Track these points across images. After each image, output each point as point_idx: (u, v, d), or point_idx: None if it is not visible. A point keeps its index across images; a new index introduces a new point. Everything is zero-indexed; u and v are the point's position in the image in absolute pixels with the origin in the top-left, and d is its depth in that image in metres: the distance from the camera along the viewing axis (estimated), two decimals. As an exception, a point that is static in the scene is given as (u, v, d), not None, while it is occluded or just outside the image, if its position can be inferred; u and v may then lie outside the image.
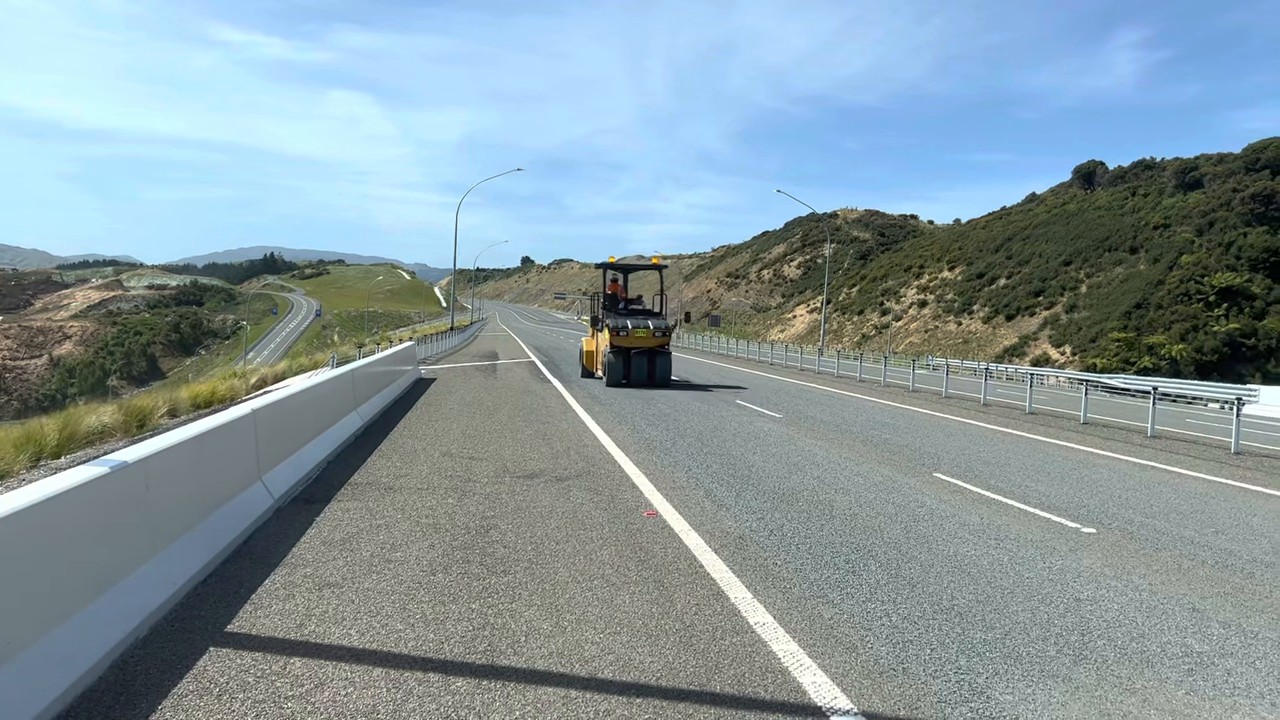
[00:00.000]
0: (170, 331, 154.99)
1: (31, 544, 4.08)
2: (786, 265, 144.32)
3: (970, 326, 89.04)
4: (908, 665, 4.85)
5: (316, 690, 4.26)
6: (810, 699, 4.36)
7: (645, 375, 23.47)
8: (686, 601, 5.76)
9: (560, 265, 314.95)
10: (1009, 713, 4.31)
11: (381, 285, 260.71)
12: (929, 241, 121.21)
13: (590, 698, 4.28)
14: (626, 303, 25.78)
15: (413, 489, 9.03)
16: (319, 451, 10.13)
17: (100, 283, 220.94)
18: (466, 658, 4.72)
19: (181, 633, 4.94)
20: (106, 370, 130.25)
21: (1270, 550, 7.93)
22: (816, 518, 8.40)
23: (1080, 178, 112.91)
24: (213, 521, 6.38)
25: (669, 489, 9.47)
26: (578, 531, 7.48)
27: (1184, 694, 4.65)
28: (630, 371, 23.33)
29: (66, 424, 11.28)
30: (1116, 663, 5.03)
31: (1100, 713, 4.37)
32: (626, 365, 23.24)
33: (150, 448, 5.63)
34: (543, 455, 11.46)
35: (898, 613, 5.73)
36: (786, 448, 13.02)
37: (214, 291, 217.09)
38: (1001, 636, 5.37)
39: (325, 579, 5.97)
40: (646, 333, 23.19)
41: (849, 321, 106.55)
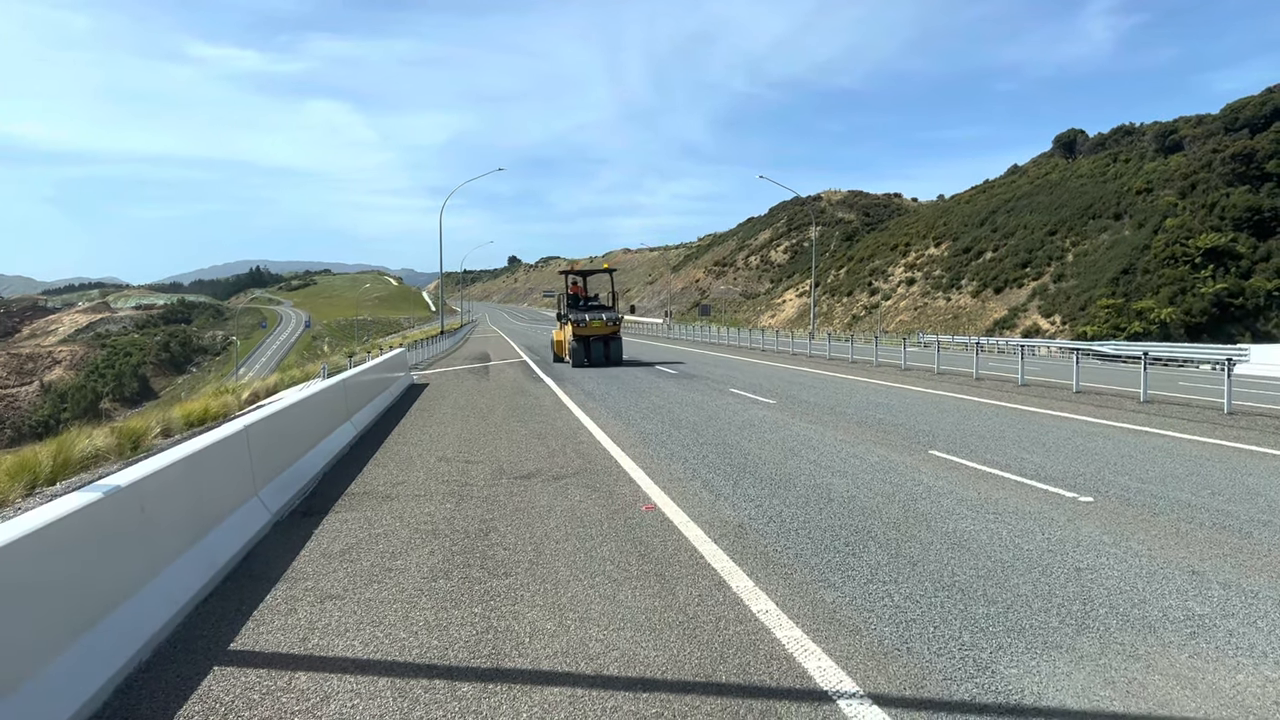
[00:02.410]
0: (160, 351, 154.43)
1: (29, 573, 4.07)
2: (773, 251, 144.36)
3: (959, 301, 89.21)
4: (911, 644, 4.87)
5: (323, 704, 4.26)
6: (816, 684, 4.38)
7: (602, 356, 29.44)
8: (689, 593, 5.77)
9: (547, 263, 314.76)
10: (1014, 686, 4.33)
11: (369, 293, 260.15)
12: (914, 219, 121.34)
13: (596, 695, 4.29)
14: (585, 301, 31.68)
15: (410, 496, 9.02)
16: (314, 463, 10.11)
17: (87, 306, 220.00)
18: (471, 662, 4.72)
19: (185, 654, 4.92)
20: (98, 393, 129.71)
21: (1266, 509, 7.97)
22: (815, 502, 8.42)
23: (1061, 147, 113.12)
24: (211, 540, 6.36)
25: (666, 481, 9.47)
26: (577, 529, 7.48)
27: (1187, 657, 4.68)
28: (590, 353, 29.19)
29: (60, 450, 11.24)
30: (1119, 630, 5.05)
31: (1105, 680, 4.39)
32: (587, 349, 29.16)
33: (144, 469, 5.61)
34: (539, 455, 11.45)
35: (900, 592, 5.75)
36: (781, 433, 13.03)
37: (202, 308, 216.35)
38: (1004, 610, 5.39)
39: (326, 591, 5.96)
40: (601, 323, 29.59)
41: (838, 303, 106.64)
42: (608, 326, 29.67)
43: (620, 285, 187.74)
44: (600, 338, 29.51)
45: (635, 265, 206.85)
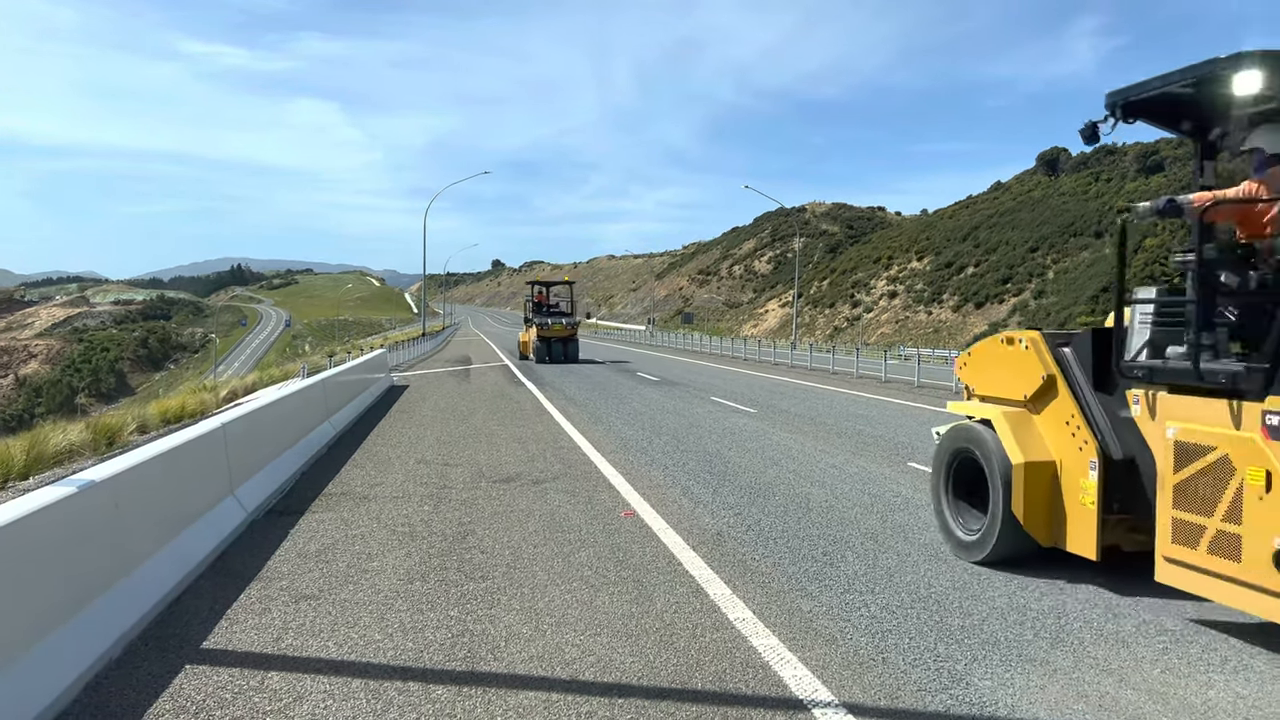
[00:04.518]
0: (138, 347, 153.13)
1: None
2: (757, 260, 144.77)
3: (940, 316, 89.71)
4: (887, 655, 4.88)
5: (295, 704, 4.23)
6: (791, 692, 4.38)
7: (561, 354, 35.24)
8: (666, 600, 5.76)
9: (531, 267, 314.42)
10: (988, 698, 4.35)
11: (351, 293, 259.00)
12: (897, 233, 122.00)
13: (572, 700, 4.27)
14: (548, 308, 37.79)
15: (388, 497, 8.97)
16: (292, 463, 10.04)
17: (65, 300, 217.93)
18: (446, 665, 4.69)
19: (156, 652, 4.87)
20: (74, 388, 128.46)
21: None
22: (793, 511, 8.43)
23: (1044, 164, 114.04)
24: (185, 538, 6.31)
25: (646, 488, 9.47)
26: (556, 534, 7.47)
27: (1159, 672, 4.71)
28: (551, 352, 34.96)
29: (33, 444, 11.11)
30: (1093, 644, 5.08)
31: (1078, 694, 4.41)
32: (548, 348, 35.06)
33: (119, 465, 5.56)
34: (519, 458, 11.43)
35: (876, 603, 5.76)
36: (761, 442, 13.06)
37: (181, 305, 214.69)
38: (979, 623, 5.41)
39: (301, 591, 5.92)
40: (561, 327, 35.71)
41: (820, 314, 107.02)
42: (566, 329, 35.75)
43: (603, 291, 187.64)
44: (560, 339, 35.46)
45: (619, 272, 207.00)
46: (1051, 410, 6.46)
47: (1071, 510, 6.17)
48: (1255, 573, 4.76)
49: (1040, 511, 6.33)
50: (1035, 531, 6.36)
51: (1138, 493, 5.82)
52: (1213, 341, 5.31)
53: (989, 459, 6.66)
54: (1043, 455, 6.38)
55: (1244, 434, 4.93)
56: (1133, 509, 5.89)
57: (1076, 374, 6.36)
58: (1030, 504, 6.31)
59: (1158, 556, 5.45)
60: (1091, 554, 5.99)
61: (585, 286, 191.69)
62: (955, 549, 7.05)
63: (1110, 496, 5.92)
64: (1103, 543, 5.96)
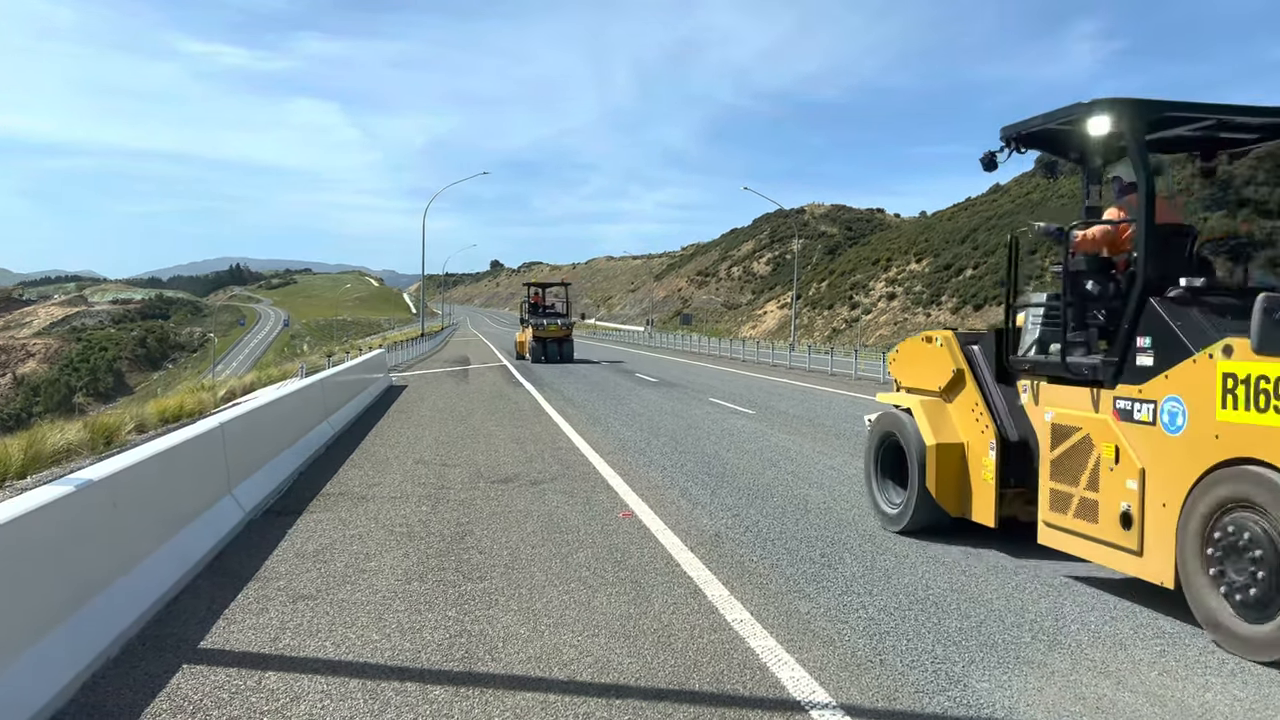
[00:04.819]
0: (136, 346, 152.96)
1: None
2: (756, 262, 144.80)
3: (939, 317, 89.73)
4: (885, 656, 4.88)
5: (292, 704, 4.22)
6: (789, 694, 4.38)
7: (557, 354, 35.82)
8: (664, 601, 5.76)
9: (530, 268, 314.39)
10: (985, 700, 4.35)
11: (350, 293, 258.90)
12: (896, 235, 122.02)
13: (569, 701, 4.27)
14: (544, 309, 38.40)
15: (386, 498, 8.97)
16: (290, 463, 10.04)
17: (63, 299, 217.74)
18: (444, 666, 4.69)
19: (154, 651, 4.87)
20: (72, 387, 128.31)
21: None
22: (791, 513, 8.44)
23: (1043, 167, 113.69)
24: (183, 537, 6.30)
25: (644, 489, 9.47)
26: (554, 535, 7.47)
27: (1157, 674, 4.71)
28: (546, 351, 35.63)
29: (31, 443, 11.11)
30: (1090, 646, 5.08)
31: (1075, 696, 4.41)
32: (544, 348, 35.72)
33: (117, 464, 5.56)
34: (517, 459, 11.43)
35: (874, 604, 5.76)
36: (760, 444, 13.06)
37: (180, 304, 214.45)
38: (977, 625, 5.41)
39: (299, 592, 5.92)
40: (556, 327, 36.32)
41: (819, 316, 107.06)
42: (562, 330, 36.53)
43: (602, 293, 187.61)
44: (555, 339, 36.19)
45: (618, 273, 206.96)
46: (961, 399, 7.40)
47: (976, 485, 7.15)
48: (1109, 531, 5.78)
49: (950, 486, 7.29)
50: (946, 503, 7.33)
51: (1029, 469, 6.73)
52: (1084, 339, 6.31)
53: (908, 442, 7.60)
54: (952, 438, 7.34)
55: (1100, 416, 5.96)
56: (1025, 483, 6.78)
57: (982, 368, 7.33)
58: (941, 480, 7.28)
59: (1039, 522, 6.47)
60: (991, 522, 6.96)
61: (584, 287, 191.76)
62: (882, 521, 8.00)
63: (1007, 473, 6.85)
64: (1000, 513, 6.92)
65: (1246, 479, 4.96)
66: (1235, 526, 4.99)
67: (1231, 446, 5.06)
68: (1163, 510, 5.45)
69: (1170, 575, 5.41)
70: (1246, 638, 4.94)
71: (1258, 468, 4.91)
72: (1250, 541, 4.90)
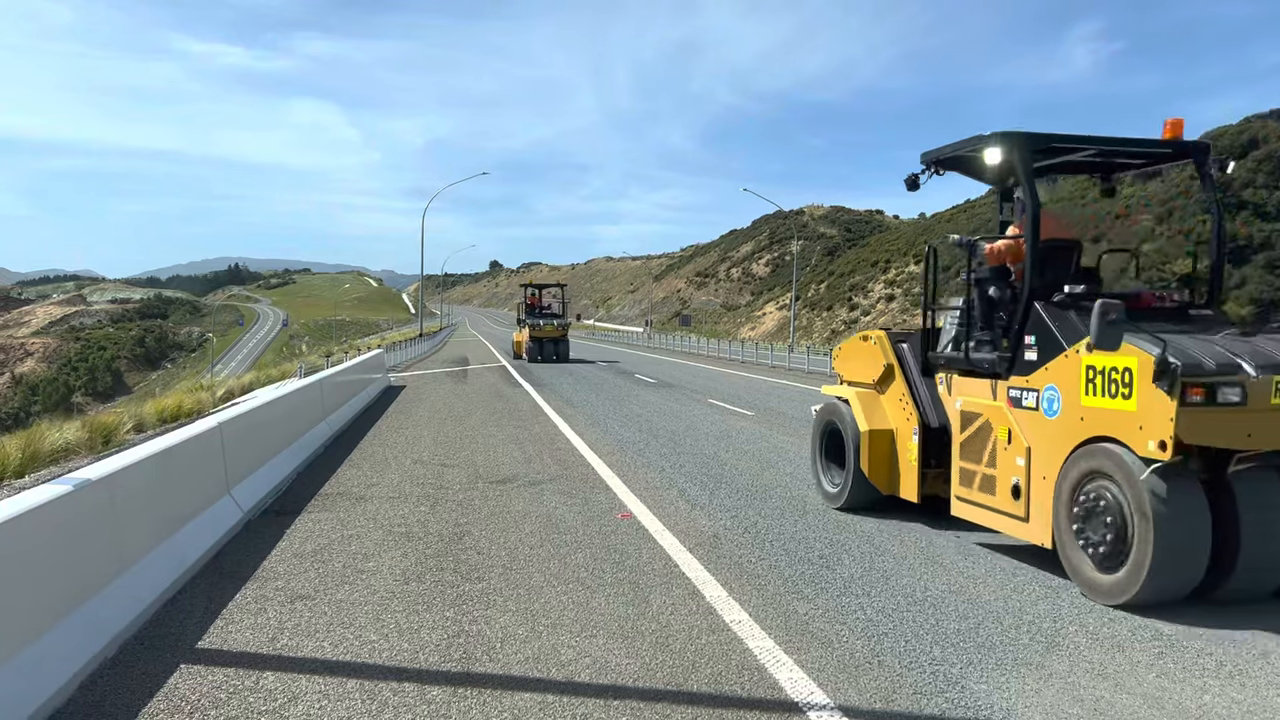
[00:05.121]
0: (135, 345, 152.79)
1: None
2: (755, 263, 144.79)
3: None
4: (883, 658, 4.88)
5: (290, 704, 4.22)
6: (787, 695, 4.38)
7: (553, 354, 36.74)
8: (662, 602, 5.76)
9: (529, 268, 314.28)
10: (983, 702, 4.35)
11: (349, 293, 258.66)
12: (895, 236, 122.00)
13: (567, 702, 4.27)
14: (540, 309, 39.41)
15: (384, 498, 8.97)
16: (288, 463, 10.04)
17: (62, 298, 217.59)
18: (442, 666, 4.69)
19: (151, 651, 4.87)
20: (71, 387, 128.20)
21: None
22: (790, 514, 8.44)
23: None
24: (181, 536, 6.30)
25: (643, 490, 9.47)
26: (552, 536, 7.47)
27: (1155, 676, 4.71)
28: (543, 351, 36.58)
29: (29, 442, 11.10)
30: (1089, 648, 5.09)
31: (1073, 699, 4.41)
32: (540, 347, 36.67)
33: (115, 464, 5.56)
34: (515, 460, 11.42)
35: (872, 606, 5.76)
36: (759, 444, 13.06)
37: (179, 304, 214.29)
38: (975, 626, 5.41)
39: (297, 592, 5.91)
40: (553, 328, 37.42)
41: (818, 317, 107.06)
42: (558, 330, 37.57)
43: (601, 293, 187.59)
44: (551, 339, 37.17)
45: (617, 273, 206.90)
46: (891, 391, 8.32)
47: (903, 466, 8.07)
48: (1004, 502, 6.78)
49: (880, 467, 8.22)
50: (877, 483, 8.24)
51: (947, 451, 7.58)
52: (989, 338, 7.26)
53: (846, 428, 8.54)
54: (883, 425, 8.27)
55: (997, 403, 6.94)
56: (944, 464, 7.64)
57: (909, 363, 8.23)
58: (873, 462, 8.22)
59: (952, 497, 7.45)
60: (914, 498, 7.92)
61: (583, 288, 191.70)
62: (824, 499, 8.96)
63: (928, 455, 7.79)
64: (923, 491, 7.87)
65: (1102, 454, 5.91)
66: (1094, 494, 5.93)
67: (1092, 427, 6.02)
68: (1043, 482, 6.42)
69: (1048, 537, 6.37)
70: (1101, 585, 5.88)
71: (1110, 444, 5.86)
72: (1104, 506, 5.83)
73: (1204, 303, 7.24)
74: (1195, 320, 6.74)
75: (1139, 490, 5.58)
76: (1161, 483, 5.54)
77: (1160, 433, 5.49)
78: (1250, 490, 5.68)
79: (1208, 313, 6.96)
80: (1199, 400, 5.45)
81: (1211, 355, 5.63)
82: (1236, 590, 5.77)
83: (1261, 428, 5.54)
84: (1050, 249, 7.13)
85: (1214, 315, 6.96)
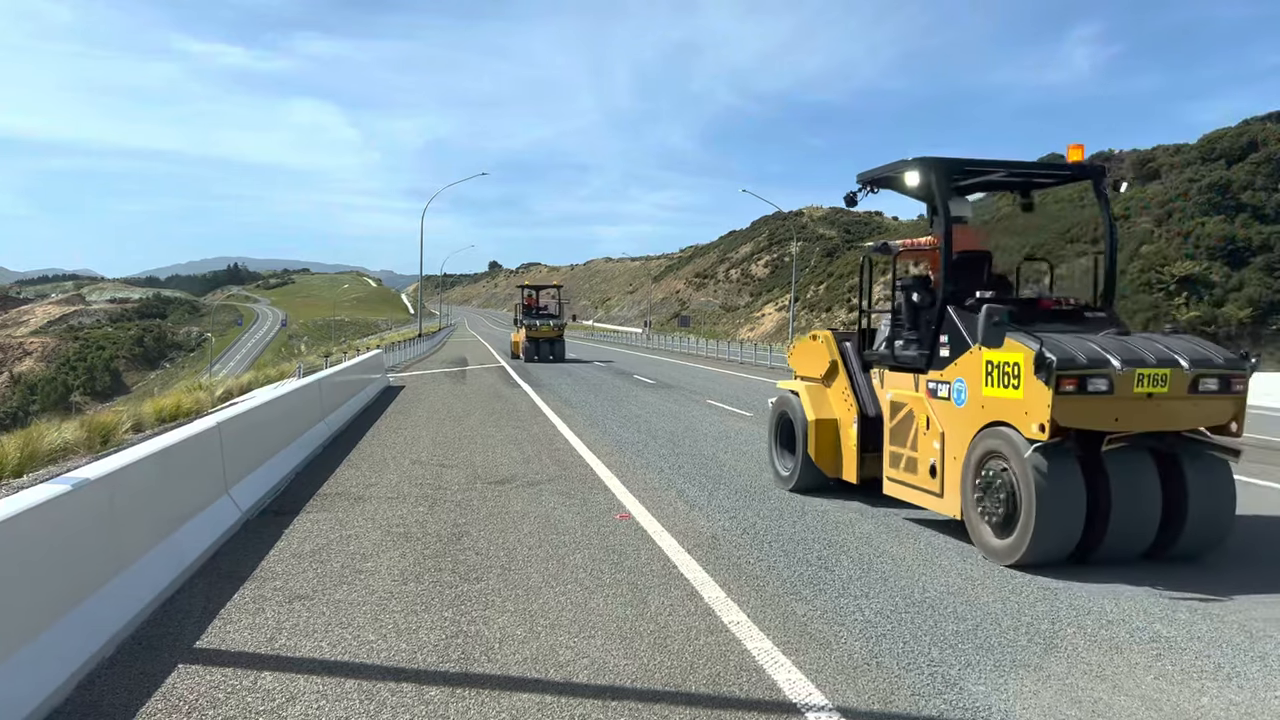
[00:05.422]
0: (134, 345, 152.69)
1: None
2: (754, 264, 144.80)
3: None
4: (881, 659, 4.88)
5: (288, 704, 4.22)
6: (785, 696, 4.38)
7: (549, 353, 37.57)
8: (661, 603, 5.76)
9: (528, 269, 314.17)
10: (981, 703, 4.35)
11: (348, 293, 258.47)
12: (894, 238, 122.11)
13: (565, 702, 4.27)
14: (537, 310, 40.27)
15: (382, 498, 8.96)
16: (287, 463, 10.03)
17: (61, 298, 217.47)
18: (440, 667, 4.69)
19: (149, 650, 4.87)
20: (69, 386, 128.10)
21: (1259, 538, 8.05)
22: (789, 515, 8.44)
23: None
24: (179, 536, 6.30)
25: (641, 490, 9.47)
26: (550, 536, 7.46)
27: (1153, 678, 4.72)
28: (539, 351, 37.37)
29: (27, 442, 11.09)
30: (1086, 650, 5.09)
31: (1071, 700, 4.42)
32: (537, 347, 37.47)
33: (114, 464, 5.55)
34: (514, 460, 11.42)
35: (870, 607, 5.76)
36: (757, 446, 13.04)
37: (177, 304, 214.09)
38: (973, 628, 5.41)
39: (295, 592, 5.91)
40: (548, 328, 38.24)
41: (817, 319, 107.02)
42: (553, 330, 38.47)
43: (600, 294, 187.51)
44: (547, 339, 37.98)
45: (616, 274, 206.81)
46: (835, 384, 9.27)
47: (845, 452, 9.04)
48: (924, 480, 7.77)
49: (826, 453, 9.15)
50: (823, 467, 9.19)
51: (881, 438, 8.49)
52: (916, 337, 8.16)
53: (796, 418, 9.47)
54: (828, 414, 9.20)
55: (918, 394, 7.92)
56: (879, 449, 8.54)
57: (852, 360, 9.15)
58: (819, 448, 9.16)
59: (884, 478, 8.44)
60: (854, 480, 8.86)
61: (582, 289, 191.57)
62: (778, 482, 9.89)
63: (866, 441, 8.72)
64: (862, 474, 8.79)
65: (997, 436, 6.86)
66: (991, 471, 6.88)
67: (991, 413, 6.99)
68: (954, 462, 7.39)
69: (958, 510, 7.33)
70: (997, 548, 6.84)
71: (1004, 428, 6.82)
72: (1000, 481, 6.77)
73: (1099, 306, 8.20)
74: (1088, 321, 7.69)
75: (1024, 467, 6.52)
76: (1043, 460, 6.47)
77: (1041, 417, 6.41)
78: (1120, 467, 6.62)
79: (1101, 314, 7.90)
80: (1072, 390, 6.40)
81: (1085, 351, 6.52)
82: (1110, 551, 6.72)
83: (1127, 413, 6.53)
84: (963, 260, 8.17)
85: (1106, 317, 7.85)
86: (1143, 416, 6.58)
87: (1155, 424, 6.65)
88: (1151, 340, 6.99)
